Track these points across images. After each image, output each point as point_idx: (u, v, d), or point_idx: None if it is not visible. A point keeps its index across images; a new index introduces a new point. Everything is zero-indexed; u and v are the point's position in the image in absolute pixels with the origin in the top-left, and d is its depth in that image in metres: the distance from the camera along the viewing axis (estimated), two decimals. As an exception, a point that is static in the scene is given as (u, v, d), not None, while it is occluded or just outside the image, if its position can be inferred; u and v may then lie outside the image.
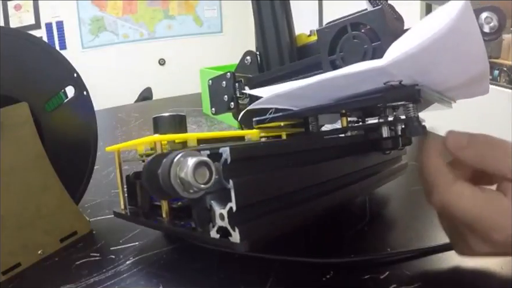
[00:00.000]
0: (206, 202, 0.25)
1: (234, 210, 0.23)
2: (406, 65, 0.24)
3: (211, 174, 0.22)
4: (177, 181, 0.22)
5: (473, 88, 0.33)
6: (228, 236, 0.23)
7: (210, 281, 0.32)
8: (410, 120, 0.28)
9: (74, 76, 0.43)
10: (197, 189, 0.22)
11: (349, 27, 0.33)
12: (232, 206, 0.23)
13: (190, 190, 0.22)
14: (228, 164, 0.23)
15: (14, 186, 0.34)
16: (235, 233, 0.23)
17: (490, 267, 0.31)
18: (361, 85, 0.28)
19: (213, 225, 0.24)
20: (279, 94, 0.31)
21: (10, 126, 0.34)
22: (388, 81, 0.26)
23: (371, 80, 0.27)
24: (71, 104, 0.42)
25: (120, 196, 0.37)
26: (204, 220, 0.25)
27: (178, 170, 0.22)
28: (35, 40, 0.40)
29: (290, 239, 0.38)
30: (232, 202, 0.23)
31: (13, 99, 0.36)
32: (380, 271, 0.31)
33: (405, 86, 0.26)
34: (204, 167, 0.22)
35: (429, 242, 0.35)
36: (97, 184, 0.51)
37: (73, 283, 0.32)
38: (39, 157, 0.37)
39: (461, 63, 0.26)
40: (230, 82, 0.41)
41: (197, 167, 0.22)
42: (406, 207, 0.46)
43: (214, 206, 0.24)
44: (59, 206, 0.38)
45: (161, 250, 0.37)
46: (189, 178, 0.22)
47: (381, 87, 0.27)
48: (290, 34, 0.42)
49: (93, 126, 0.45)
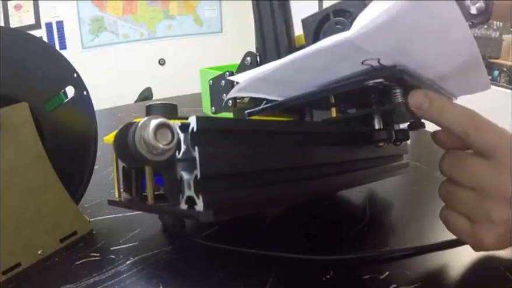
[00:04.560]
0: (176, 173, 0.25)
1: (198, 178, 0.23)
2: (375, 37, 0.23)
3: (173, 136, 0.23)
4: (141, 142, 0.23)
5: (471, 80, 0.33)
6: (194, 205, 0.24)
7: (210, 281, 0.32)
8: (398, 106, 0.28)
9: (74, 76, 0.43)
10: (160, 150, 0.23)
11: (331, 13, 0.33)
12: (197, 174, 0.23)
13: (154, 151, 0.23)
14: (195, 132, 0.24)
15: (14, 186, 0.34)
16: (199, 201, 0.23)
17: (490, 267, 0.31)
18: (340, 66, 0.27)
19: (182, 195, 0.25)
20: (256, 76, 0.31)
21: (10, 126, 0.34)
22: (365, 59, 0.26)
23: (347, 59, 0.26)
24: (71, 104, 0.42)
25: (115, 185, 0.37)
26: (175, 191, 0.25)
27: (142, 132, 0.23)
28: (35, 40, 0.40)
29: (290, 239, 0.38)
30: (197, 169, 0.23)
31: (13, 99, 0.36)
32: (380, 271, 0.31)
33: (385, 67, 0.26)
34: (166, 128, 0.23)
35: (429, 242, 0.35)
36: (97, 184, 0.51)
37: (73, 283, 0.32)
38: (39, 157, 0.37)
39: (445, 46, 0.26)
40: (229, 81, 0.41)
41: (158, 128, 0.23)
42: (406, 207, 0.46)
43: (184, 176, 0.25)
44: (59, 206, 0.38)
45: (161, 250, 0.37)
46: (150, 139, 0.23)
47: (363, 69, 0.27)
48: (288, 34, 0.41)
49: (93, 126, 0.45)
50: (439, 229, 0.37)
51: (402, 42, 0.24)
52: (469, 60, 0.28)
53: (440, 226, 0.31)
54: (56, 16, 2.62)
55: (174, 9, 2.96)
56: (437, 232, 0.37)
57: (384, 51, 0.25)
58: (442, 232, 0.37)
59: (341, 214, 0.44)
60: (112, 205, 0.37)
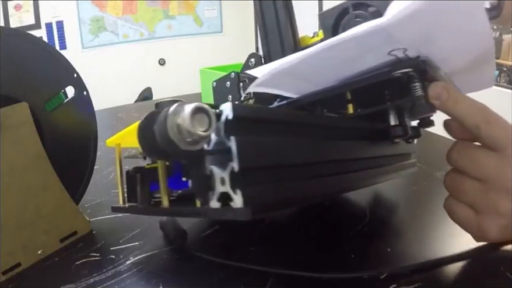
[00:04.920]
0: (205, 168, 0.23)
1: (235, 170, 0.21)
2: (407, 25, 0.23)
3: (210, 122, 0.21)
4: (174, 129, 0.20)
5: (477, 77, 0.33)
6: (230, 202, 0.21)
7: (210, 281, 0.32)
8: (418, 99, 0.28)
9: (74, 76, 0.43)
10: (197, 137, 0.20)
11: (350, 7, 0.33)
12: (234, 166, 0.21)
13: (189, 139, 0.20)
14: (230, 120, 0.22)
15: (14, 186, 0.34)
16: (237, 196, 0.21)
17: (489, 266, 0.31)
18: (365, 57, 0.27)
19: (213, 192, 0.22)
20: (278, 70, 0.30)
21: (10, 126, 0.34)
22: (392, 49, 0.26)
23: (375, 49, 0.26)
24: (71, 104, 0.42)
25: (119, 191, 0.36)
26: (204, 188, 0.23)
27: (175, 118, 0.20)
28: (35, 40, 0.40)
29: (290, 240, 0.38)
30: (234, 161, 0.21)
31: (13, 99, 0.36)
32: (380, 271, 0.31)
33: (410, 58, 0.26)
34: (203, 113, 0.21)
35: (429, 242, 0.35)
36: (97, 184, 0.51)
37: (73, 283, 0.32)
38: (39, 157, 0.37)
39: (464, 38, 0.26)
40: (235, 82, 0.41)
41: (195, 112, 0.20)
42: (406, 207, 0.46)
43: (215, 171, 0.22)
44: (59, 206, 0.38)
45: (161, 250, 0.37)
46: (186, 124, 0.20)
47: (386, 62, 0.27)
48: (294, 35, 0.41)
49: (93, 126, 0.45)
50: (439, 229, 0.37)
51: (428, 31, 0.24)
52: (483, 54, 0.29)
53: (440, 226, 0.31)
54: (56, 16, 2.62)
55: (174, 9, 2.96)
56: (437, 231, 0.37)
57: (411, 40, 0.25)
58: (442, 231, 0.37)
59: (341, 214, 0.44)
60: (116, 212, 0.36)
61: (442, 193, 0.32)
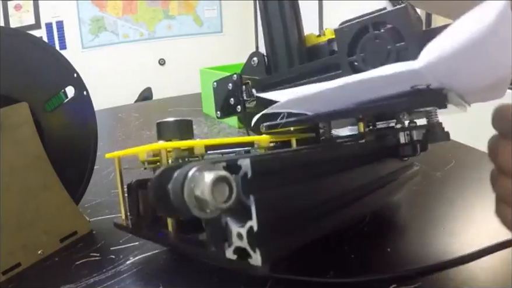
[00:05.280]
0: (221, 220, 0.22)
1: (255, 230, 0.20)
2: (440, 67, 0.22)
3: (231, 191, 0.19)
4: (192, 199, 0.19)
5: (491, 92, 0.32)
6: (248, 257, 0.21)
7: (210, 281, 0.32)
8: (433, 126, 0.27)
9: (74, 76, 0.43)
10: (216, 208, 0.19)
11: (370, 26, 0.31)
12: (252, 225, 0.20)
13: (207, 210, 0.19)
14: (249, 178, 0.20)
15: (14, 186, 0.34)
16: (255, 255, 0.20)
17: (489, 266, 0.31)
18: (385, 89, 0.26)
19: (228, 244, 0.22)
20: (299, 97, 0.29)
21: (10, 126, 0.34)
22: (415, 85, 0.25)
23: (397, 83, 0.25)
24: (71, 104, 0.42)
25: (121, 205, 0.35)
26: (218, 239, 0.22)
27: (193, 187, 0.19)
28: (35, 40, 0.40)
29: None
30: (253, 220, 0.20)
31: (13, 100, 0.36)
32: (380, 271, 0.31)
33: (432, 90, 0.24)
34: (223, 183, 0.19)
35: (429, 242, 0.35)
36: (97, 184, 0.51)
37: (73, 283, 0.32)
38: (39, 157, 0.37)
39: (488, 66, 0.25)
40: (237, 84, 0.39)
41: (216, 183, 0.19)
42: (406, 207, 0.46)
43: (231, 224, 0.21)
44: (59, 206, 0.38)
45: (161, 250, 0.37)
46: (206, 197, 0.19)
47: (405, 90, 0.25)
48: (299, 33, 0.40)
49: (93, 126, 0.45)
50: (439, 229, 0.37)
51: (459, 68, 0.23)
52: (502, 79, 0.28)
53: (440, 226, 0.31)
54: (56, 16, 2.62)
55: (174, 9, 2.96)
56: (437, 231, 0.37)
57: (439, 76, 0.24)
58: (443, 232, 0.37)
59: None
60: (119, 229, 0.35)
61: (442, 193, 0.32)
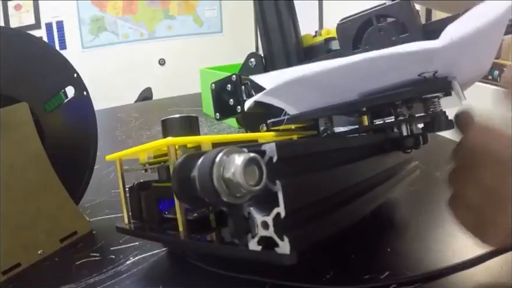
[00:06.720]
0: (243, 209, 0.21)
1: (282, 217, 0.19)
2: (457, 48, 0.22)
3: (261, 174, 0.19)
4: (221, 184, 0.19)
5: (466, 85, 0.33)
6: (274, 247, 0.20)
7: (209, 282, 0.32)
8: (438, 115, 0.27)
9: (74, 76, 0.43)
10: (247, 191, 0.19)
11: (374, 19, 0.31)
12: (280, 212, 0.19)
13: (237, 194, 0.19)
14: (274, 162, 0.20)
15: (14, 186, 0.34)
16: (283, 243, 0.19)
17: (489, 266, 0.31)
18: (388, 76, 0.26)
19: (252, 235, 0.21)
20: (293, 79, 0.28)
21: (10, 126, 0.34)
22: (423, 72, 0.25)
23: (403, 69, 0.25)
24: (71, 104, 0.42)
25: (123, 209, 0.34)
26: (241, 231, 0.21)
27: (222, 171, 0.19)
28: (35, 40, 0.40)
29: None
30: (281, 207, 0.19)
31: (13, 99, 0.36)
32: (380, 271, 0.31)
33: (438, 78, 0.25)
34: (253, 165, 0.19)
35: (429, 242, 0.35)
36: (97, 184, 0.51)
37: (73, 283, 0.32)
38: (39, 157, 0.37)
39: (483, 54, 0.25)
40: (237, 85, 0.39)
41: (247, 165, 0.18)
42: (405, 207, 0.46)
43: (254, 214, 0.20)
44: (59, 206, 0.38)
45: (161, 250, 0.37)
46: (238, 178, 0.18)
47: (409, 80, 0.26)
48: (296, 34, 0.40)
49: (93, 126, 0.45)
50: (439, 228, 0.37)
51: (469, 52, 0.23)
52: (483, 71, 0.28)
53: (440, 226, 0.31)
54: (56, 16, 2.62)
55: (174, 9, 2.96)
56: (437, 231, 0.37)
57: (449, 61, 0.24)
58: (443, 232, 0.37)
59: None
60: (121, 233, 0.34)
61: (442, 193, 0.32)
